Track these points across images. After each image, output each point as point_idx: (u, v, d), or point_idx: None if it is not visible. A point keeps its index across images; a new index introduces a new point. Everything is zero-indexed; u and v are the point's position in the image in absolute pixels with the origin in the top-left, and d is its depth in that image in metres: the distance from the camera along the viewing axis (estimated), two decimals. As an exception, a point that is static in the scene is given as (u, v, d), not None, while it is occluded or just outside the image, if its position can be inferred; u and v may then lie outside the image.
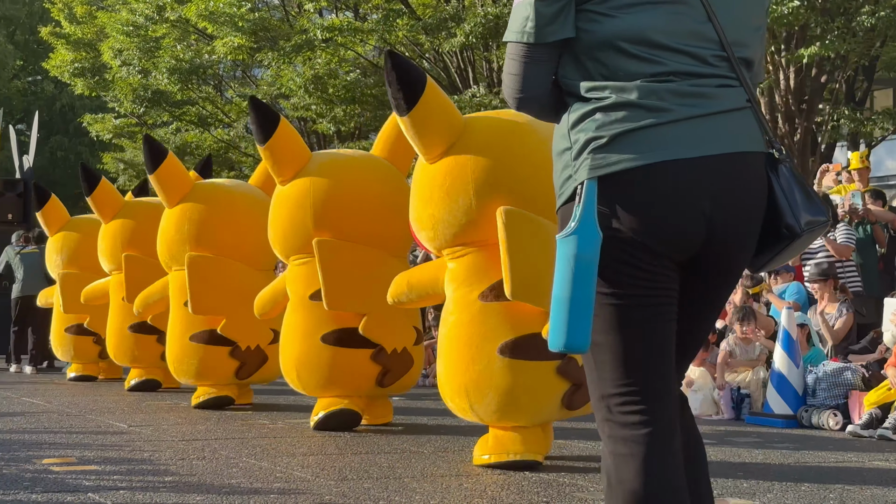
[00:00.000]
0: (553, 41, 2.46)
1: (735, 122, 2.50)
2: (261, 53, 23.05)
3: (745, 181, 2.50)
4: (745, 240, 2.56)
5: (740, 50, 2.55)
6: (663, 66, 2.44)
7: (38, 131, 44.84)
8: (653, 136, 2.40)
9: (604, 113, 2.43)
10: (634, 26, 2.44)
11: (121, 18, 26.25)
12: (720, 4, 2.51)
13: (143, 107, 26.91)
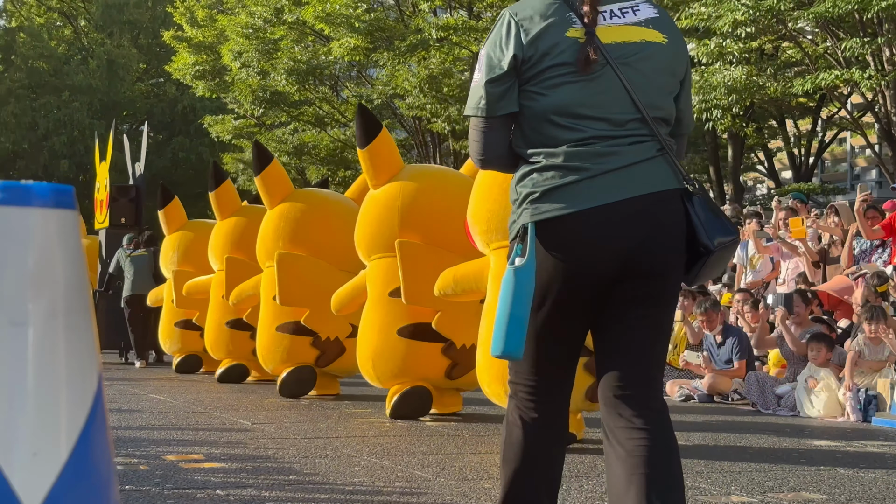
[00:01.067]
0: (502, 114, 3.18)
1: (646, 170, 3.13)
2: (376, 54, 23.27)
3: (657, 216, 3.14)
4: (667, 262, 3.18)
5: (655, 111, 3.18)
6: (584, 133, 3.12)
7: (160, 133, 46.14)
8: (574, 190, 3.11)
9: (538, 173, 3.14)
10: (561, 102, 3.12)
11: (240, 21, 26.78)
12: (634, 77, 3.15)
13: (261, 108, 27.42)
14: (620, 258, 3.12)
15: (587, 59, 3.13)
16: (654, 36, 3.28)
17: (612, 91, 3.17)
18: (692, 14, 15.69)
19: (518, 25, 3.20)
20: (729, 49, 15.17)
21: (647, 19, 3.32)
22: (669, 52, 3.30)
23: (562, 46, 3.16)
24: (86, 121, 41.72)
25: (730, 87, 15.09)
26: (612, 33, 3.23)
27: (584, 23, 3.19)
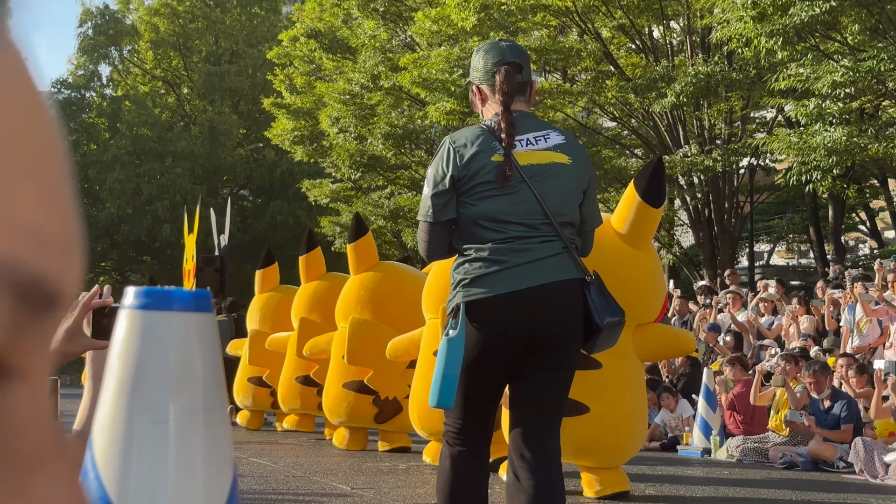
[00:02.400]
0: (444, 220, 4.25)
1: (553, 263, 4.20)
2: (472, 117, 23.47)
3: (561, 300, 4.20)
4: (568, 337, 4.24)
5: (561, 217, 4.23)
6: (505, 234, 4.18)
7: (259, 197, 46.97)
8: (496, 278, 4.14)
9: (469, 263, 4.20)
10: (487, 210, 4.21)
11: (338, 88, 27.27)
12: (545, 190, 4.22)
13: (359, 172, 27.81)
14: (530, 332, 4.17)
15: (504, 176, 4.22)
16: (560, 158, 4.35)
17: (527, 202, 4.26)
18: (790, 76, 15.59)
19: (455, 151, 4.28)
20: (828, 110, 15.01)
21: (555, 145, 4.40)
22: (573, 170, 4.37)
23: (487, 168, 4.26)
24: (188, 186, 42.75)
25: (830, 148, 14.91)
26: (528, 157, 4.32)
27: (504, 149, 4.27)
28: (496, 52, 4.46)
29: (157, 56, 47.95)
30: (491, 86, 4.42)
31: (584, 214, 4.41)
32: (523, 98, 4.47)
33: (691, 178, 20.84)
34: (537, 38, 20.65)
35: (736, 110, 20.79)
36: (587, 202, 4.42)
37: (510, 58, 4.44)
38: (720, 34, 16.62)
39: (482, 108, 4.53)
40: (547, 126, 4.56)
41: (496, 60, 4.42)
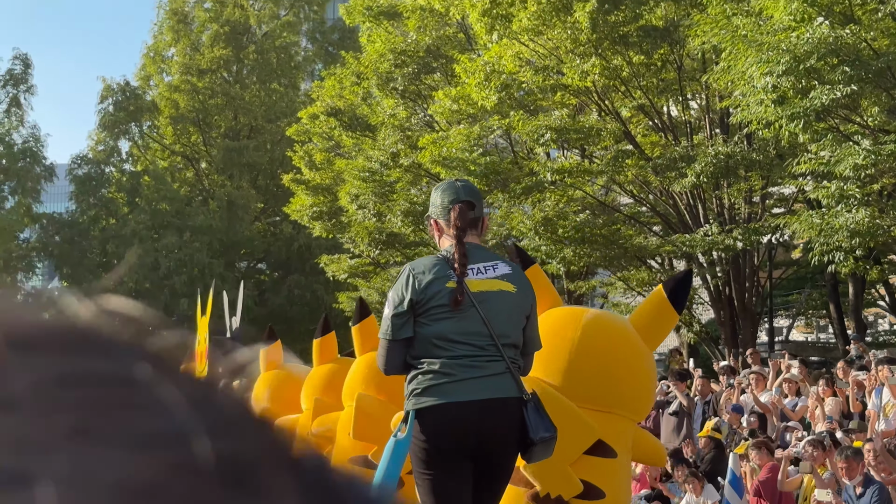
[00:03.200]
0: (402, 338, 4.80)
1: (496, 381, 4.75)
2: (491, 195, 23.60)
3: (501, 414, 4.74)
4: (505, 449, 4.86)
5: (505, 339, 4.80)
6: (454, 352, 4.73)
7: (276, 271, 47.08)
8: (444, 389, 4.69)
9: (422, 375, 4.76)
10: (440, 330, 4.74)
11: (357, 165, 27.46)
12: (491, 315, 4.78)
13: (377, 249, 27.90)
14: (474, 441, 4.76)
15: (456, 301, 4.77)
16: (507, 286, 4.93)
17: (476, 324, 4.82)
18: (811, 159, 15.64)
19: (414, 278, 4.86)
20: (850, 192, 15.03)
21: (502, 275, 4.98)
22: (518, 297, 4.96)
23: (442, 293, 4.81)
24: (205, 260, 42.91)
25: (853, 230, 14.90)
26: (478, 284, 4.88)
27: (457, 276, 4.84)
28: (452, 191, 5.10)
29: (176, 131, 48.46)
30: (447, 220, 5.04)
31: (526, 338, 5.02)
32: (475, 231, 5.09)
33: (712, 257, 20.82)
34: (558, 117, 20.79)
35: (756, 189, 20.83)
36: (529, 327, 5.04)
37: (464, 197, 5.09)
38: (740, 116, 16.70)
39: (439, 239, 5.15)
40: (495, 257, 5.15)
41: (451, 199, 5.06)
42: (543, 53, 20.98)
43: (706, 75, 17.93)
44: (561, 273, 23.10)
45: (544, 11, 19.61)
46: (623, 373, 7.35)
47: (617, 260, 22.12)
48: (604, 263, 23.01)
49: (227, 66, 48.31)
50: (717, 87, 19.61)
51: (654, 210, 23.07)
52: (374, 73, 27.03)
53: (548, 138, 20.14)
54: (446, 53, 26.70)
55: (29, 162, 44.99)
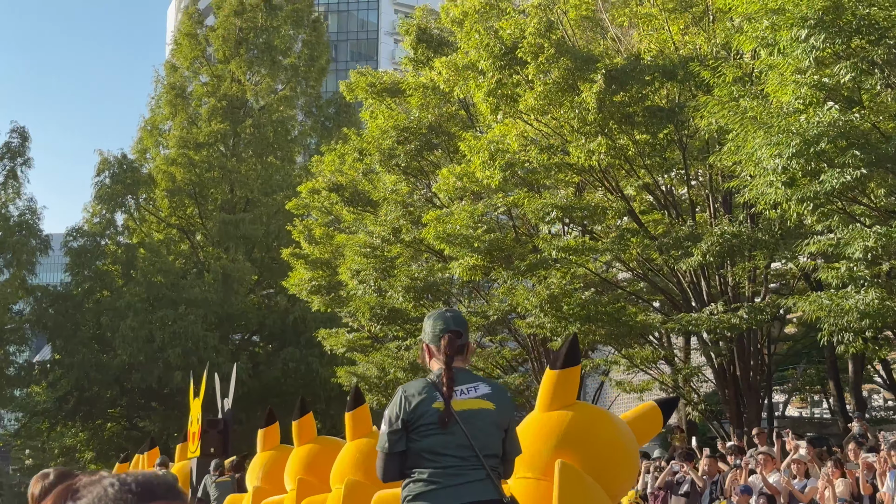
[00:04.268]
0: (397, 451, 5.48)
1: (478, 486, 5.44)
2: (495, 272, 23.64)
3: None
4: None
5: (486, 451, 5.49)
6: (442, 463, 5.42)
7: (270, 343, 46.91)
8: (433, 495, 5.37)
9: (413, 483, 5.46)
10: (428, 445, 5.43)
11: (358, 240, 27.51)
12: (473, 430, 5.44)
13: (379, 324, 27.86)
14: None
15: (443, 421, 5.49)
16: (487, 405, 5.62)
17: (460, 439, 5.52)
18: (820, 240, 15.74)
19: (406, 400, 5.59)
20: (859, 273, 15.12)
21: (483, 394, 5.66)
22: (497, 414, 5.64)
23: (430, 413, 5.53)
24: (200, 333, 42.76)
25: (863, 311, 14.95)
26: (462, 404, 5.57)
27: (444, 398, 5.54)
28: (443, 321, 5.73)
29: (172, 204, 48.57)
30: (437, 347, 5.68)
31: (506, 448, 5.75)
32: (461, 357, 5.75)
33: (716, 336, 20.83)
34: (563, 195, 20.92)
35: (760, 268, 20.91)
36: (508, 438, 5.78)
37: (453, 326, 5.71)
38: (748, 196, 16.81)
39: (429, 361, 5.82)
40: (478, 379, 5.87)
41: (442, 328, 5.69)
42: (548, 132, 21.16)
43: (713, 156, 18.10)
44: (566, 351, 22.97)
45: (551, 92, 19.80)
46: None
47: (622, 337, 22.10)
48: (609, 341, 22.98)
49: (224, 140, 48.59)
50: (721, 167, 19.78)
51: (656, 287, 23.11)
52: (376, 149, 27.19)
53: (553, 216, 20.24)
54: (448, 130, 26.90)
55: (24, 234, 45.00)
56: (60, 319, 45.44)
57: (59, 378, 45.23)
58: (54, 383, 45.62)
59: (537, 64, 19.87)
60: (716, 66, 17.82)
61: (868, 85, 14.68)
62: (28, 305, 47.23)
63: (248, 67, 49.40)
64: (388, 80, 29.12)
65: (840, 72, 14.35)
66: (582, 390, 28.70)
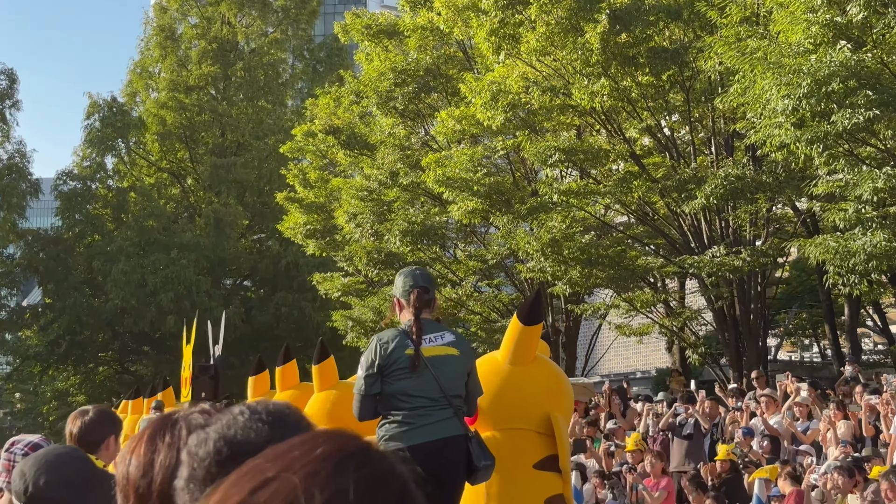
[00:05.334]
0: (372, 393, 6.35)
1: (446, 424, 6.33)
2: (494, 217, 23.50)
3: (451, 449, 6.33)
4: (455, 473, 6.39)
5: (451, 392, 6.39)
6: (413, 404, 6.27)
7: (262, 288, 46.82)
8: (407, 434, 6.21)
9: (389, 424, 6.31)
10: (401, 388, 6.29)
11: (355, 184, 27.30)
12: (441, 374, 6.33)
13: (376, 268, 27.74)
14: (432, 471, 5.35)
15: (414, 365, 6.38)
16: (452, 351, 6.57)
17: (429, 382, 6.42)
18: (829, 181, 15.63)
19: (381, 347, 6.47)
20: (867, 215, 15.02)
21: (449, 342, 6.61)
22: (461, 360, 6.63)
23: (402, 359, 6.42)
24: (192, 277, 42.58)
25: (870, 253, 14.88)
26: (430, 350, 6.48)
27: (414, 345, 6.43)
28: (412, 278, 6.72)
29: (163, 148, 48.16)
30: (407, 300, 6.62)
31: (469, 389, 6.72)
32: (428, 309, 6.67)
33: (717, 279, 20.77)
34: (566, 138, 20.73)
35: (762, 211, 20.82)
36: (471, 381, 6.76)
37: (421, 283, 6.70)
38: (755, 138, 16.66)
39: (400, 313, 6.73)
40: (443, 328, 6.82)
41: (412, 284, 6.67)
42: (549, 74, 20.92)
43: (718, 98, 17.91)
44: (567, 294, 22.98)
45: (553, 32, 19.56)
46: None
47: (622, 281, 22.02)
48: (609, 284, 22.90)
49: (215, 83, 48.11)
50: (724, 109, 19.62)
51: (657, 230, 22.99)
52: (373, 91, 26.89)
53: (555, 159, 20.04)
54: (446, 73, 26.62)
55: (14, 178, 44.61)
56: (51, 263, 45.20)
57: (51, 322, 45.10)
58: (46, 327, 45.49)
59: (540, 4, 19.61)
60: (722, 6, 17.60)
61: (880, 24, 14.52)
62: (19, 249, 46.97)
63: (238, 9, 48.76)
64: (384, 22, 28.74)
65: (852, 10, 14.18)
66: (579, 333, 28.73)
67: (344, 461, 1.06)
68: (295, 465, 1.05)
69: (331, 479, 1.02)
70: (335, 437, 1.11)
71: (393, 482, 1.07)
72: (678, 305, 24.52)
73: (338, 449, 1.08)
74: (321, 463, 1.05)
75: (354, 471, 1.04)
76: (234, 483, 1.07)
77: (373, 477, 1.05)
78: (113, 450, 5.10)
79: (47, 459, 3.38)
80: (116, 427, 5.27)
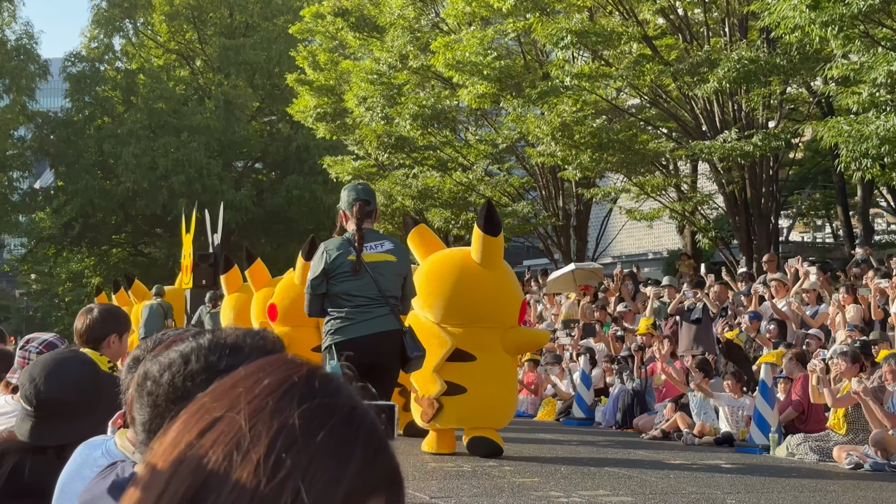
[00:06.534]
0: (319, 293, 7.71)
1: (383, 320, 7.62)
2: (505, 101, 23.29)
3: (387, 341, 7.59)
4: (392, 362, 7.71)
5: (388, 292, 7.67)
6: (355, 303, 7.60)
7: (273, 171, 46.75)
8: (349, 329, 7.59)
9: (333, 321, 7.66)
10: (344, 289, 7.63)
11: (365, 67, 27.01)
12: (379, 277, 7.60)
13: (386, 152, 27.63)
14: (371, 359, 7.20)
15: (356, 269, 7.53)
16: (390, 258, 7.70)
17: (368, 284, 7.55)
18: (844, 64, 15.39)
19: (327, 253, 7.62)
20: (882, 98, 14.83)
21: (387, 249, 7.74)
22: (397, 265, 7.74)
23: (346, 264, 7.55)
24: (203, 160, 42.54)
25: (883, 137, 14.73)
26: (370, 257, 7.59)
27: (356, 251, 7.52)
28: (355, 192, 7.84)
29: (171, 28, 47.63)
30: (351, 212, 7.70)
31: (404, 291, 7.89)
32: (370, 220, 7.76)
33: (729, 164, 20.62)
34: (578, 20, 20.37)
35: (776, 94, 20.55)
36: (406, 284, 7.92)
37: (363, 196, 7.80)
38: (769, 20, 16.36)
39: (346, 223, 7.80)
40: (383, 237, 8.00)
41: (354, 197, 7.76)
42: (561, -48, 20.48)
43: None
44: (577, 178, 22.90)
45: (565, -89, 19.10)
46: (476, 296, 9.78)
47: (634, 165, 21.89)
48: (619, 168, 22.78)
49: (222, -39, 47.35)
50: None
51: (669, 114, 22.75)
52: (383, -30, 26.43)
53: (568, 41, 19.72)
54: (456, -49, 26.07)
55: (23, 59, 44.30)
56: (62, 146, 45.18)
57: (64, 204, 45.28)
58: (58, 210, 45.69)
59: None
60: None
61: None
62: (29, 132, 46.91)
63: None
64: None
65: None
66: (590, 216, 28.72)
67: (287, 394, 1.05)
68: (240, 403, 1.05)
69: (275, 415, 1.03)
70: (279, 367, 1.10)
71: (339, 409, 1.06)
72: (689, 189, 24.41)
73: (280, 381, 1.07)
74: (264, 399, 1.05)
75: (298, 404, 1.04)
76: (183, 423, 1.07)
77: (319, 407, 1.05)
78: (115, 347, 5.19)
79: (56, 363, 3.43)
80: (121, 325, 5.34)
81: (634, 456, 11.29)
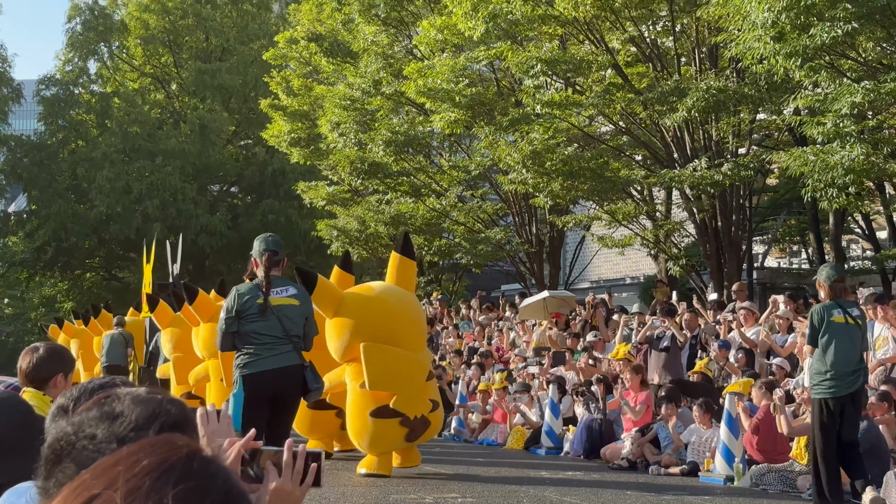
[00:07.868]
0: (230, 332, 8.84)
1: (287, 356, 8.80)
2: (477, 128, 23.32)
3: (289, 374, 8.79)
4: (293, 394, 8.91)
5: (292, 332, 8.85)
6: (262, 341, 8.78)
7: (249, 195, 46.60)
8: (256, 364, 8.73)
9: (243, 356, 8.81)
10: (252, 328, 8.78)
11: (338, 93, 27.02)
12: (284, 319, 8.82)
13: (359, 178, 27.62)
14: (275, 392, 8.66)
15: (263, 311, 8.69)
16: (293, 301, 8.90)
17: (274, 325, 8.71)
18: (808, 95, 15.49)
19: (239, 296, 8.76)
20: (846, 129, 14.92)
21: (291, 294, 8.92)
22: (300, 308, 8.94)
23: (254, 307, 8.71)
24: (177, 184, 42.44)
25: (848, 167, 14.81)
26: (276, 300, 8.76)
27: (264, 296, 8.70)
28: (265, 243, 8.84)
29: (146, 52, 47.61)
30: (261, 260, 8.77)
31: (306, 330, 8.97)
32: (277, 268, 8.82)
33: (699, 192, 20.70)
34: (548, 49, 20.45)
35: (745, 123, 20.67)
36: (308, 324, 9.01)
37: (272, 247, 8.82)
38: (735, 51, 16.46)
39: (256, 270, 8.86)
40: (288, 283, 9.03)
41: (265, 248, 8.79)
42: (531, -18, 20.54)
43: (700, 8, 17.65)
44: (547, 206, 22.92)
45: (535, -60, 19.18)
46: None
47: (604, 193, 21.94)
48: (591, 196, 22.82)
49: (198, -14, 47.38)
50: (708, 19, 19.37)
51: (639, 142, 22.83)
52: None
53: (538, 69, 19.80)
54: (427, -22, 26.21)
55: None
56: (35, 170, 44.98)
57: (36, 228, 45.06)
58: (31, 234, 45.46)
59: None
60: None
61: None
62: (2, 155, 46.69)
63: (221, -89, 47.85)
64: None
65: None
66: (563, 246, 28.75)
67: (165, 475, 1.07)
68: (118, 482, 1.07)
69: (151, 495, 1.05)
70: (160, 447, 1.12)
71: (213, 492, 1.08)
72: (662, 217, 24.48)
73: (160, 462, 1.09)
74: (142, 478, 1.07)
75: (174, 485, 1.06)
76: (62, 499, 1.09)
77: (193, 490, 1.07)
78: (61, 387, 5.11)
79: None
80: (66, 365, 5.27)
81: (599, 485, 11.28)
